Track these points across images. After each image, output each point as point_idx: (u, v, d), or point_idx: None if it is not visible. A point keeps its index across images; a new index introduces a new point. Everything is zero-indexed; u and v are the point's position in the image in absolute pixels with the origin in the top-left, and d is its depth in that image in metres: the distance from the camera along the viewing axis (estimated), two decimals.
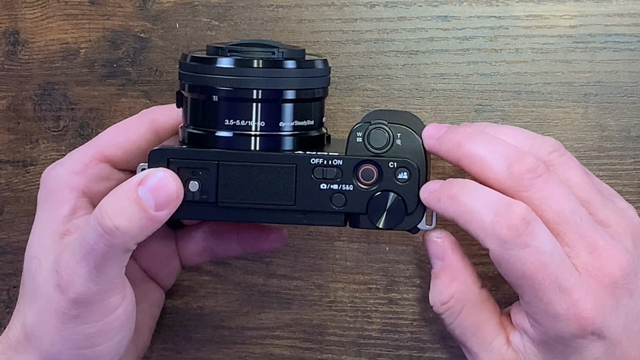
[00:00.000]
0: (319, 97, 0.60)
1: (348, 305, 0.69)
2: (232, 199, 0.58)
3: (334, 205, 0.58)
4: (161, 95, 0.69)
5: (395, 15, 0.67)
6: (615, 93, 0.66)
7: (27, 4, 0.70)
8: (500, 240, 0.55)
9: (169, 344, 0.71)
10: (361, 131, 0.58)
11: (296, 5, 0.67)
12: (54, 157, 0.70)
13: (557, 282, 0.55)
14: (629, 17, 0.65)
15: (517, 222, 0.55)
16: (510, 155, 0.56)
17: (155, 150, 0.58)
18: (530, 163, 0.56)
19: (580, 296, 0.55)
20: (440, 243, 0.60)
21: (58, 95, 0.70)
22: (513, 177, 0.56)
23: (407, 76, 0.67)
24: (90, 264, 0.57)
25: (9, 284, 0.72)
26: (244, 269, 0.70)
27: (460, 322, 0.59)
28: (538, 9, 0.66)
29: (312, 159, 0.58)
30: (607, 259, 0.56)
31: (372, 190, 0.58)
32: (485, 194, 0.56)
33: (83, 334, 0.58)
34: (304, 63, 0.59)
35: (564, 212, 0.56)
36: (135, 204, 0.56)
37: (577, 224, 0.56)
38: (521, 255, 0.55)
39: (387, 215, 0.58)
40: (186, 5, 0.68)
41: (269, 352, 0.70)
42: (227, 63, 0.58)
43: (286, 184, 0.58)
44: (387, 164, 0.58)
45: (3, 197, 0.71)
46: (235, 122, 0.58)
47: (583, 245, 0.56)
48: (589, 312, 0.55)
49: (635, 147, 0.66)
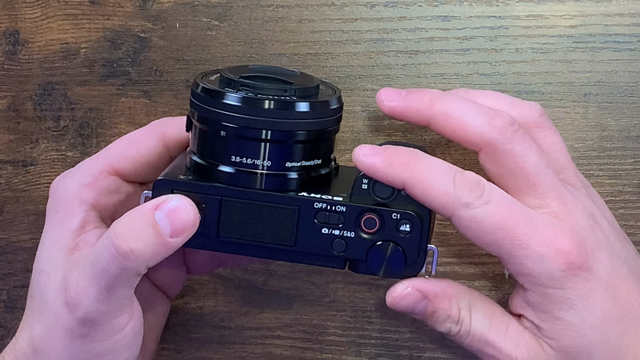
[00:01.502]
0: (329, 136, 0.60)
1: (348, 305, 0.69)
2: (232, 234, 0.58)
3: (334, 250, 0.57)
4: (161, 95, 0.69)
5: (395, 15, 0.67)
6: (615, 93, 0.66)
7: (27, 4, 0.70)
8: (464, 204, 0.56)
9: (169, 344, 0.71)
10: (367, 179, 0.57)
11: (296, 5, 0.67)
12: (54, 157, 0.70)
13: (530, 225, 0.56)
14: (629, 17, 0.65)
15: (474, 186, 0.56)
16: (488, 112, 0.58)
17: (160, 180, 0.58)
18: (508, 118, 0.57)
19: (556, 233, 0.56)
20: (411, 291, 0.59)
21: (58, 95, 0.70)
22: (497, 130, 0.57)
23: (407, 76, 0.67)
24: (100, 285, 0.56)
25: (9, 284, 0.72)
26: (244, 269, 0.70)
27: (476, 323, 0.59)
28: (538, 9, 0.66)
29: (315, 203, 0.57)
30: (575, 210, 0.57)
31: (374, 239, 0.57)
32: (437, 161, 0.57)
33: (91, 352, 0.58)
34: (316, 105, 0.58)
35: (541, 165, 0.57)
36: (151, 228, 0.55)
37: (551, 176, 0.57)
38: (487, 209, 0.56)
39: (386, 265, 0.57)
40: (186, 5, 0.68)
41: (269, 352, 0.70)
42: (236, 100, 0.57)
43: (288, 225, 0.57)
44: (390, 215, 0.57)
45: (3, 197, 0.71)
46: (241, 160, 0.57)
47: (554, 196, 0.57)
48: (569, 244, 0.56)
49: (635, 147, 0.66)
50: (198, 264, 0.66)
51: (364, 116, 0.67)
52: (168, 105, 0.69)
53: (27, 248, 0.71)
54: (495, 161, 0.57)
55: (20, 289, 0.71)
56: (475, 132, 0.57)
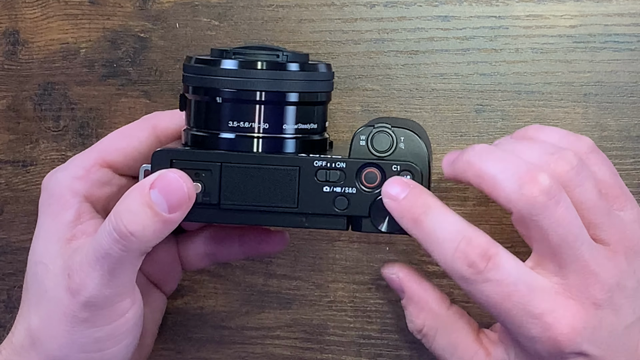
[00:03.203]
0: (322, 101, 0.60)
1: (348, 305, 0.69)
2: (234, 201, 0.58)
3: (336, 208, 0.58)
4: (161, 95, 0.69)
5: (395, 15, 0.67)
6: (615, 93, 0.66)
7: (27, 4, 0.70)
8: (461, 277, 0.55)
9: (169, 344, 0.71)
10: (365, 134, 0.58)
11: (296, 5, 0.68)
12: (54, 157, 0.70)
13: (526, 309, 0.55)
14: (629, 17, 0.65)
15: (476, 259, 0.55)
16: (522, 175, 0.55)
17: (159, 152, 0.58)
18: (543, 183, 0.54)
19: (554, 320, 0.55)
20: (395, 278, 0.61)
21: (58, 95, 0.70)
22: (525, 200, 0.54)
23: (407, 76, 0.67)
24: (104, 268, 0.56)
25: (9, 284, 0.72)
26: (244, 269, 0.70)
27: (438, 345, 0.60)
28: (538, 9, 0.66)
29: (315, 162, 0.58)
30: (592, 280, 0.55)
31: (375, 193, 0.58)
32: (449, 223, 0.56)
33: (92, 338, 0.58)
34: (307, 66, 0.59)
35: (567, 239, 0.55)
36: (148, 208, 0.56)
37: (577, 248, 0.55)
38: (483, 288, 0.55)
39: (390, 218, 0.58)
40: (186, 5, 0.68)
41: (269, 352, 0.70)
42: (231, 65, 0.58)
43: (289, 186, 0.58)
44: (390, 167, 0.58)
45: (3, 197, 0.71)
46: (238, 124, 0.58)
47: (574, 268, 0.55)
48: (565, 334, 0.55)
49: (635, 147, 0.66)
50: (192, 259, 0.67)
51: (364, 116, 0.67)
52: (168, 105, 0.69)
53: (27, 248, 0.71)
54: (522, 226, 0.56)
55: (20, 289, 0.71)
56: (505, 198, 0.55)
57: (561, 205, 0.55)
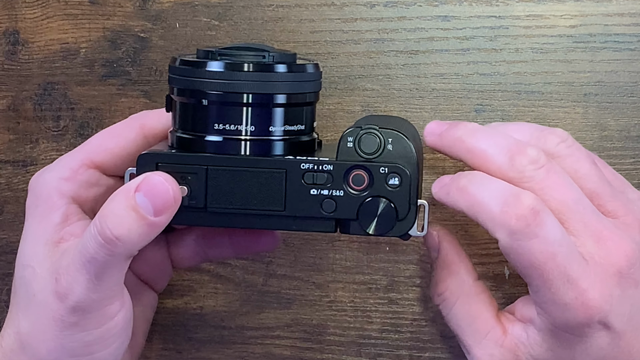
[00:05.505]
0: (310, 102, 0.60)
1: (348, 305, 0.69)
2: (221, 204, 0.57)
3: (324, 211, 0.57)
4: (161, 95, 0.69)
5: (395, 15, 0.67)
6: (615, 93, 0.66)
7: (27, 4, 0.70)
8: (509, 231, 0.55)
9: (169, 344, 0.71)
10: (352, 136, 0.57)
11: (296, 5, 0.68)
12: (54, 157, 0.70)
13: (565, 272, 0.55)
14: (629, 17, 0.65)
15: (525, 212, 0.55)
16: (512, 148, 0.57)
17: (144, 155, 0.57)
18: (531, 154, 0.56)
19: (588, 285, 0.55)
20: (434, 236, 0.62)
21: (58, 95, 0.70)
22: (515, 169, 0.56)
23: (407, 76, 0.67)
24: (90, 273, 0.56)
25: (8, 283, 0.72)
26: (244, 269, 0.70)
27: (455, 313, 0.60)
28: (538, 9, 0.66)
29: (302, 164, 0.57)
30: (613, 248, 0.56)
31: (363, 196, 0.57)
32: (494, 185, 0.56)
33: (81, 342, 0.58)
34: (294, 67, 0.58)
35: (567, 202, 0.56)
36: (133, 211, 0.55)
37: (581, 212, 0.56)
38: (530, 245, 0.55)
39: (377, 221, 0.57)
40: (186, 5, 0.68)
41: (269, 352, 0.70)
42: (217, 67, 0.57)
43: (276, 189, 0.57)
44: (378, 170, 0.57)
45: (3, 197, 0.71)
46: (224, 127, 0.57)
47: (588, 234, 0.56)
48: (596, 301, 0.55)
49: (635, 147, 0.66)
50: (183, 258, 0.66)
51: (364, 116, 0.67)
52: None
53: None
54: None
55: None
56: (497, 171, 0.57)
57: (552, 171, 0.56)
